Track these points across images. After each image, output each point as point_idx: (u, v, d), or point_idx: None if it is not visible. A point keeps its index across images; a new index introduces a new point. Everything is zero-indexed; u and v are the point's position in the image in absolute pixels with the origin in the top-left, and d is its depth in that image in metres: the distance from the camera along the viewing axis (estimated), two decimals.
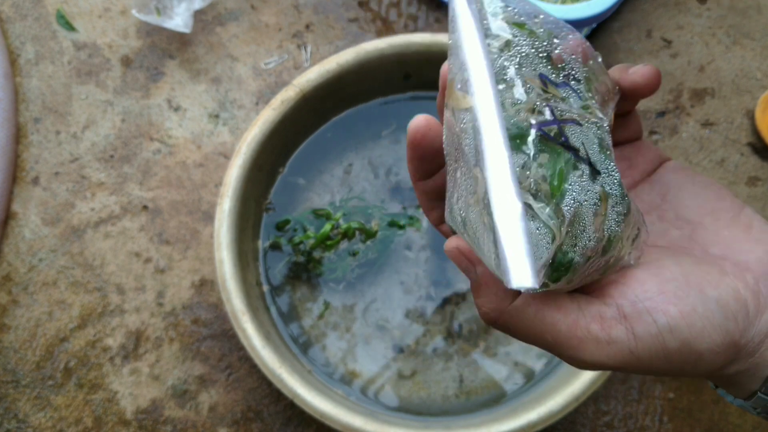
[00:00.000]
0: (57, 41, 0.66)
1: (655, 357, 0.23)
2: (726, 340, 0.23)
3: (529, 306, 0.23)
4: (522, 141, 0.21)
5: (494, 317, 0.24)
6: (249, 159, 0.53)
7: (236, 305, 0.50)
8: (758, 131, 0.63)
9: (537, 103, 0.22)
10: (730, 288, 0.24)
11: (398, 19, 0.68)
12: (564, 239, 0.21)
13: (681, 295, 0.23)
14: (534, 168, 0.21)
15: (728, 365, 0.24)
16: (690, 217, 0.27)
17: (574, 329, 0.23)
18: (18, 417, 0.57)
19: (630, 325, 0.23)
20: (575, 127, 0.22)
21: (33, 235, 0.61)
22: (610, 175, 0.23)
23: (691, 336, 0.23)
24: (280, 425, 0.57)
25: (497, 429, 0.48)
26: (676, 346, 0.23)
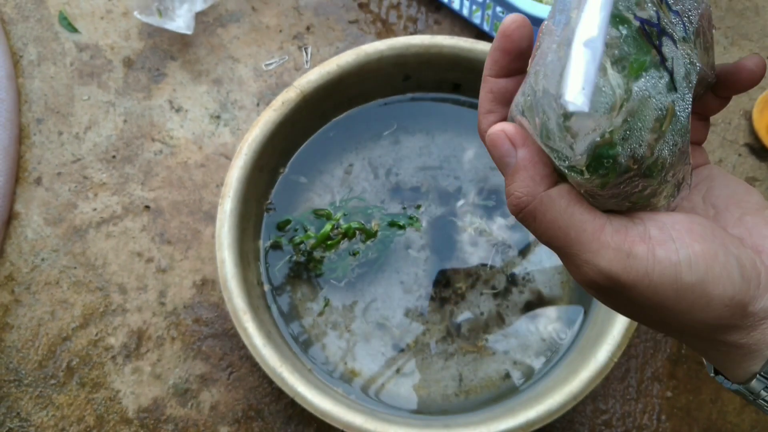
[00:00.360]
0: (59, 42, 0.66)
1: (667, 286, 0.23)
2: (737, 296, 0.23)
3: (562, 197, 0.23)
4: (621, 22, 0.22)
5: (525, 203, 0.24)
6: (250, 160, 0.53)
7: (237, 304, 0.50)
8: (756, 132, 0.64)
9: (648, 4, 0.23)
10: (748, 255, 0.24)
11: (398, 21, 0.68)
12: (619, 126, 0.21)
13: (707, 239, 0.23)
14: (622, 44, 0.22)
15: (732, 329, 0.24)
16: (717, 204, 0.27)
17: (599, 233, 0.23)
18: (20, 416, 0.57)
19: (653, 246, 0.23)
20: (671, 43, 0.23)
21: (35, 235, 0.61)
22: (684, 101, 0.23)
23: (708, 278, 0.23)
24: (280, 424, 0.57)
25: (496, 427, 0.48)
26: (691, 282, 0.23)
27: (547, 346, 0.56)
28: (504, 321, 0.56)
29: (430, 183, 0.59)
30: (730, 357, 0.25)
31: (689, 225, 0.24)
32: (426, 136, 0.61)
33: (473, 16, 0.66)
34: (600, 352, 0.49)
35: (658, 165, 0.23)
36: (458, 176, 0.60)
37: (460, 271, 0.57)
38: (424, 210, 0.59)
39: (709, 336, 0.25)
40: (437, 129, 0.61)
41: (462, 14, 0.67)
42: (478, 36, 0.67)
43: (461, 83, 0.59)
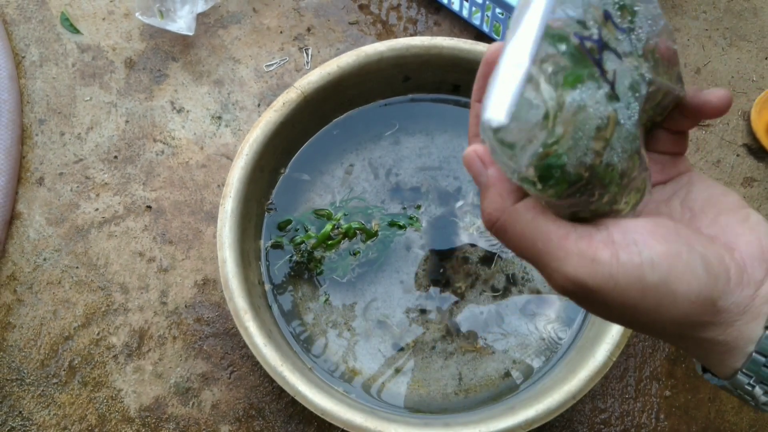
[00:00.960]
0: (61, 44, 0.67)
1: (632, 287, 0.24)
2: (704, 292, 0.24)
3: (528, 211, 0.25)
4: (559, 40, 0.23)
5: (495, 217, 0.25)
6: (251, 160, 0.54)
7: (238, 304, 0.50)
8: (754, 132, 0.64)
9: (589, 23, 0.24)
10: (716, 252, 0.25)
11: (398, 23, 0.69)
12: (561, 136, 0.22)
13: (669, 240, 0.24)
14: (559, 60, 0.23)
15: (705, 326, 0.25)
16: (694, 207, 0.28)
17: (564, 241, 0.24)
18: (22, 414, 0.58)
19: (615, 250, 0.24)
20: (614, 57, 0.24)
21: (37, 234, 0.62)
22: (628, 109, 0.24)
23: (671, 276, 0.24)
24: (281, 422, 0.57)
25: (496, 426, 0.48)
26: (654, 281, 0.23)
27: (546, 345, 0.56)
28: (503, 320, 0.57)
29: (430, 183, 0.60)
30: (712, 354, 0.26)
31: (652, 228, 0.24)
32: (426, 137, 0.61)
33: (473, 18, 0.67)
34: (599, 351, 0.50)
35: (610, 172, 0.24)
36: (458, 177, 0.60)
37: (460, 271, 0.58)
38: (424, 210, 0.59)
39: (684, 333, 0.25)
40: (437, 130, 0.61)
41: (462, 15, 0.67)
42: (478, 37, 0.68)
43: (461, 84, 0.60)
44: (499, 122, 0.22)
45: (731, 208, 0.28)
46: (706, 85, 0.66)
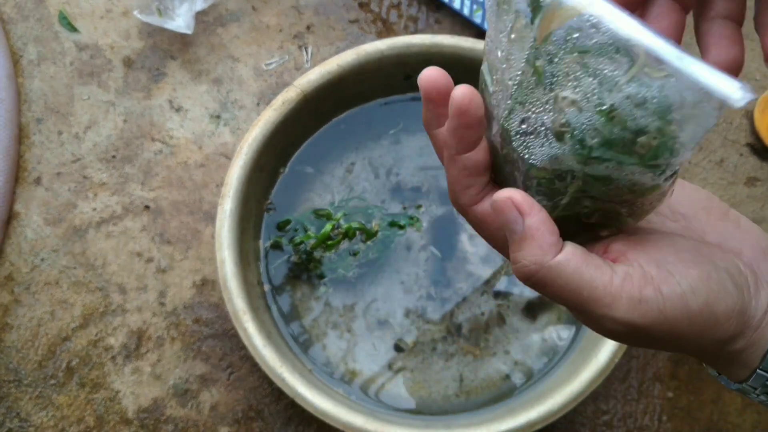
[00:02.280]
0: (59, 42, 0.66)
1: (680, 317, 0.24)
2: (737, 306, 0.24)
3: (569, 262, 0.24)
4: None
5: (533, 271, 0.24)
6: (250, 159, 0.53)
7: (237, 305, 0.50)
8: (757, 132, 0.64)
9: None
10: (733, 263, 0.25)
11: (399, 21, 0.68)
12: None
13: (698, 262, 0.24)
14: None
15: (736, 338, 0.25)
16: (685, 212, 0.28)
17: (609, 286, 0.23)
18: (20, 416, 0.57)
19: (657, 285, 0.24)
20: None
21: (35, 235, 0.61)
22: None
23: (710, 298, 0.24)
24: (281, 424, 0.57)
25: (497, 428, 0.48)
26: (698, 307, 0.24)
27: (548, 346, 0.56)
28: (505, 321, 0.56)
29: (430, 183, 0.59)
30: (732, 361, 0.26)
31: (678, 254, 0.24)
32: (426, 137, 0.60)
33: (474, 16, 0.66)
34: (601, 352, 0.49)
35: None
36: None
37: (461, 271, 0.57)
38: (425, 210, 0.59)
39: (718, 350, 0.26)
40: None
41: (463, 14, 0.67)
42: (479, 35, 0.67)
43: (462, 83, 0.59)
44: None
45: (720, 211, 0.28)
46: None
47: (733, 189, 0.63)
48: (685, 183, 0.29)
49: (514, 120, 0.24)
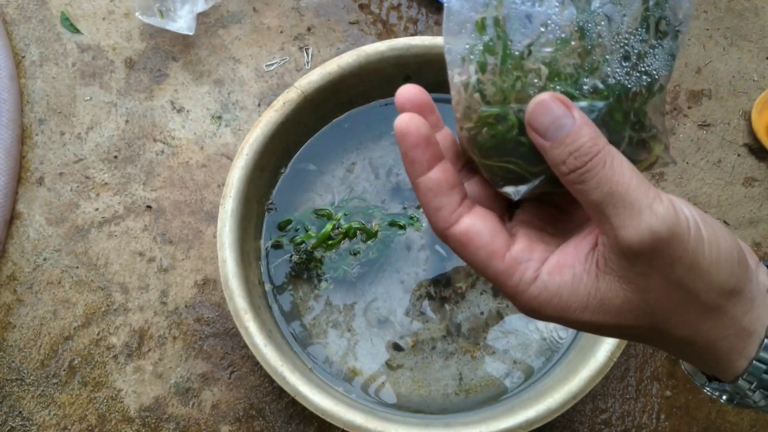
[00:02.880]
0: (61, 43, 0.67)
1: (698, 238, 0.24)
2: (740, 254, 0.25)
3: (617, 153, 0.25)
4: None
5: (596, 150, 0.24)
6: (251, 160, 0.54)
7: (239, 304, 0.50)
8: (754, 132, 0.64)
9: None
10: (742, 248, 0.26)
11: (399, 22, 0.69)
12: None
13: (697, 211, 0.25)
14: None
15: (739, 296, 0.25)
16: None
17: (648, 191, 0.24)
18: (22, 415, 0.58)
19: (672, 204, 0.24)
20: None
21: (37, 234, 0.62)
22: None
23: (717, 233, 0.24)
24: (281, 423, 0.57)
25: (496, 427, 0.48)
26: (709, 235, 0.24)
27: (547, 345, 0.56)
28: (504, 320, 0.57)
29: None
30: (734, 346, 0.26)
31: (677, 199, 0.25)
32: None
33: None
34: (599, 351, 0.50)
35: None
36: None
37: (461, 271, 0.58)
38: None
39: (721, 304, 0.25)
40: None
41: None
42: None
43: None
44: None
45: None
46: (706, 85, 0.66)
47: (731, 189, 0.64)
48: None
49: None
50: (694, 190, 0.64)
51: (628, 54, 0.25)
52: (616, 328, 0.26)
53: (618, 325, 0.25)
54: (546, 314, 0.26)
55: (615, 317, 0.25)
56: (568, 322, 0.26)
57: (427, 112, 0.27)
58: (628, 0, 0.25)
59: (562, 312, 0.25)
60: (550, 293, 0.25)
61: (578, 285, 0.25)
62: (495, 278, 0.26)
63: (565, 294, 0.25)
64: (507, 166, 0.26)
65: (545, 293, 0.25)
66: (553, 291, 0.25)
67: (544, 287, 0.25)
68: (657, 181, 0.64)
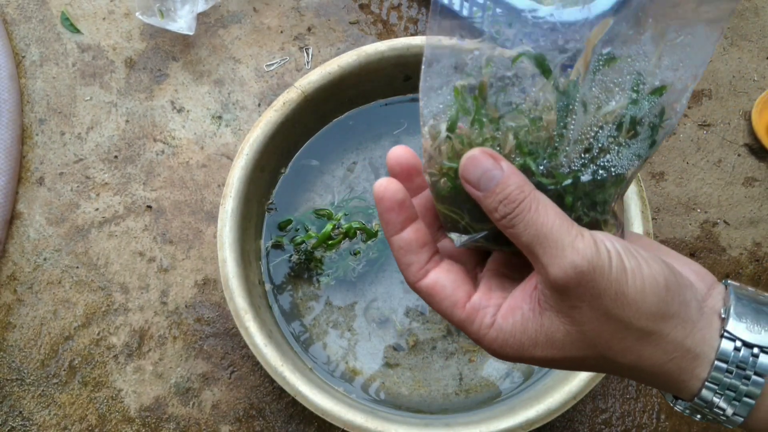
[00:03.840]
0: (61, 43, 0.67)
1: (620, 271, 0.25)
2: (669, 279, 0.26)
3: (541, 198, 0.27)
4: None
5: (523, 196, 0.26)
6: (251, 160, 0.54)
7: (239, 304, 0.50)
8: (755, 132, 0.64)
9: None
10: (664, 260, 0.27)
11: (399, 22, 0.69)
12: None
13: (622, 242, 0.27)
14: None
15: (674, 319, 0.26)
16: None
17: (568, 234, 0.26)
18: (23, 414, 0.58)
19: (593, 240, 0.26)
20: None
21: (38, 234, 0.62)
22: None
23: (640, 263, 0.26)
24: (282, 423, 0.57)
25: (496, 426, 0.48)
26: (632, 266, 0.25)
27: None
28: None
29: None
30: (682, 366, 0.27)
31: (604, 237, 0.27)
32: None
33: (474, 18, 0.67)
34: None
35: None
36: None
37: None
38: None
39: (656, 329, 0.26)
40: None
41: (462, 15, 0.67)
42: None
43: None
44: None
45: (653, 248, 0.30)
46: (707, 85, 0.66)
47: (731, 189, 0.64)
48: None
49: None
50: (694, 190, 0.64)
51: (590, 147, 0.27)
52: (569, 360, 0.27)
53: (568, 357, 0.27)
54: (507, 354, 0.28)
55: (562, 351, 0.27)
56: (529, 360, 0.28)
57: (414, 174, 0.31)
58: (613, 95, 0.27)
59: (518, 351, 0.27)
60: (506, 334, 0.27)
61: (526, 324, 0.27)
62: (460, 325, 0.28)
63: (517, 334, 0.27)
64: (454, 216, 0.29)
65: (502, 335, 0.27)
66: (507, 332, 0.27)
67: (500, 329, 0.27)
68: (657, 182, 0.64)
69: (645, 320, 0.26)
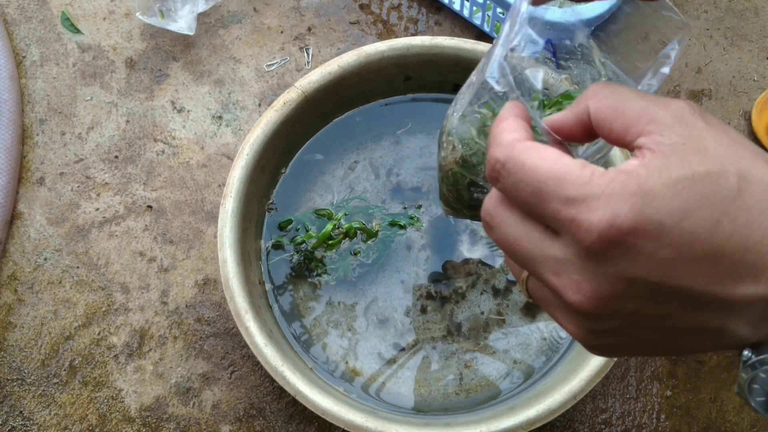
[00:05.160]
0: (62, 43, 0.67)
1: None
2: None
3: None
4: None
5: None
6: (252, 160, 0.54)
7: (239, 304, 0.50)
8: (755, 132, 0.64)
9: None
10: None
11: (399, 22, 0.69)
12: None
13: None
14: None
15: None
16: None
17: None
18: (23, 414, 0.58)
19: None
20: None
21: (38, 234, 0.62)
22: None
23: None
24: (282, 422, 0.57)
25: (497, 426, 0.48)
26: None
27: (548, 345, 0.56)
28: (504, 320, 0.57)
29: (430, 183, 0.60)
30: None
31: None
32: (427, 137, 0.61)
33: (474, 17, 0.67)
34: None
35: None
36: None
37: (461, 271, 0.58)
38: (425, 210, 0.59)
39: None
40: (438, 129, 0.61)
41: (463, 15, 0.67)
42: (479, 37, 0.68)
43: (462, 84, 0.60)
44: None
45: None
46: (707, 85, 0.66)
47: None
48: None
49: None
50: None
51: None
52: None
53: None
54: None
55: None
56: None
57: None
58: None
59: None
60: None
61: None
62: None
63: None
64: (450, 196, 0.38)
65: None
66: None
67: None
68: None
69: None
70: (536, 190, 0.23)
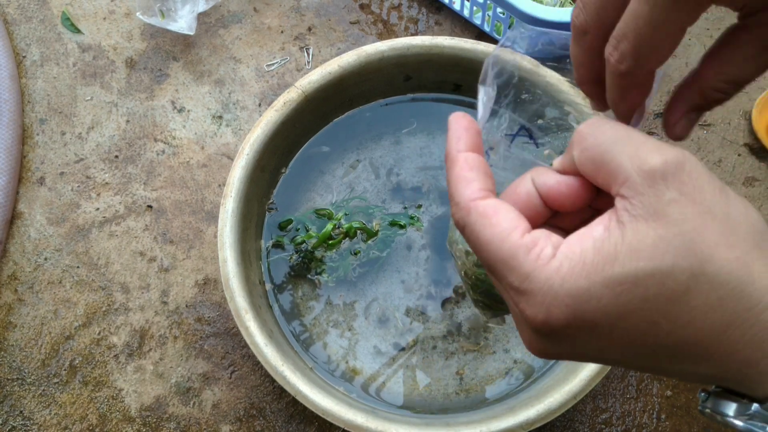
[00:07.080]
0: (62, 43, 0.67)
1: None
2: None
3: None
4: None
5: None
6: (252, 160, 0.54)
7: (239, 303, 0.50)
8: (755, 132, 0.64)
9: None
10: None
11: (399, 22, 0.69)
12: None
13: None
14: None
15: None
16: None
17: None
18: (23, 414, 0.58)
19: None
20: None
21: (38, 234, 0.62)
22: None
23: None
24: (282, 422, 0.57)
25: (497, 426, 0.48)
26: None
27: None
28: (504, 320, 0.57)
29: (431, 183, 0.60)
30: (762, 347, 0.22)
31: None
32: (427, 137, 0.61)
33: (474, 17, 0.67)
34: None
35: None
36: None
37: None
38: (425, 210, 0.59)
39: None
40: (438, 129, 0.61)
41: (463, 15, 0.67)
42: (479, 37, 0.68)
43: (462, 84, 0.60)
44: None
45: None
46: None
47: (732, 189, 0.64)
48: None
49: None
50: None
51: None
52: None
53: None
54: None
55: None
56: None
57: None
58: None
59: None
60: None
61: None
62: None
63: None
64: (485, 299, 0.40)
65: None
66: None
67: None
68: None
69: (756, 230, 0.22)
70: (490, 267, 0.25)
